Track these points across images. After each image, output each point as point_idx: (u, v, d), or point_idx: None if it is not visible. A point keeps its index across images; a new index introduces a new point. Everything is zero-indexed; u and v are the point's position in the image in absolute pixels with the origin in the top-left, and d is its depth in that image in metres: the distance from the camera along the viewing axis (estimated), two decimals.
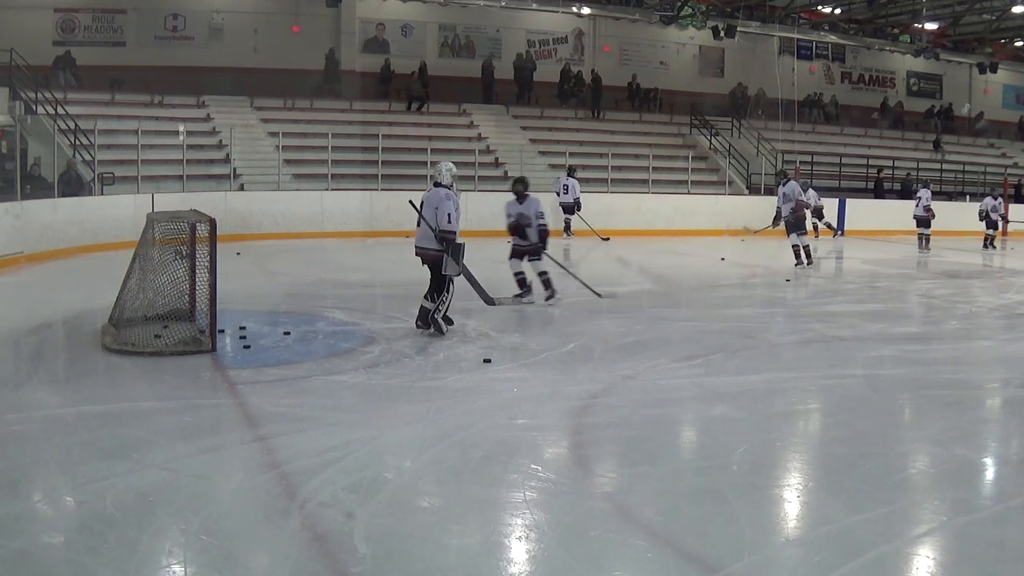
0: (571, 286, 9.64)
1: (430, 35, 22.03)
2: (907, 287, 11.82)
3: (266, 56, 19.44)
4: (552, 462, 4.64)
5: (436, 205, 7.41)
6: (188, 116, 17.28)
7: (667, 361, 6.87)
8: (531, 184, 9.39)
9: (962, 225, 20.02)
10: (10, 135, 14.65)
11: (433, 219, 7.38)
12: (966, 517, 4.00)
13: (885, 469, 4.58)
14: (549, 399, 5.72)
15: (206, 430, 5.02)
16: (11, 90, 15.72)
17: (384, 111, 19.68)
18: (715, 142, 21.18)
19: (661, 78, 23.22)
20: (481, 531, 3.78)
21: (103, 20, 19.15)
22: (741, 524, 3.85)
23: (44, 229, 12.11)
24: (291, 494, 4.02)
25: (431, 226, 7.35)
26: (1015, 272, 14.34)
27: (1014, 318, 9.52)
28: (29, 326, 7.72)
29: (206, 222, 6.99)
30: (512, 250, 9.18)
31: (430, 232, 7.36)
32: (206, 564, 3.40)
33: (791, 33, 22.75)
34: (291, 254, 13.42)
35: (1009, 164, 24.11)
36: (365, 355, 6.75)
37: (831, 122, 24.21)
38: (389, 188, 16.83)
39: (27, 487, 4.12)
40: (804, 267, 12.76)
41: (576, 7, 21.66)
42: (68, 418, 5.15)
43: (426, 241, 7.45)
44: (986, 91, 27.19)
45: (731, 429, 5.13)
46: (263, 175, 16.64)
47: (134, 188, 14.61)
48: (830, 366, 6.83)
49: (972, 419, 5.70)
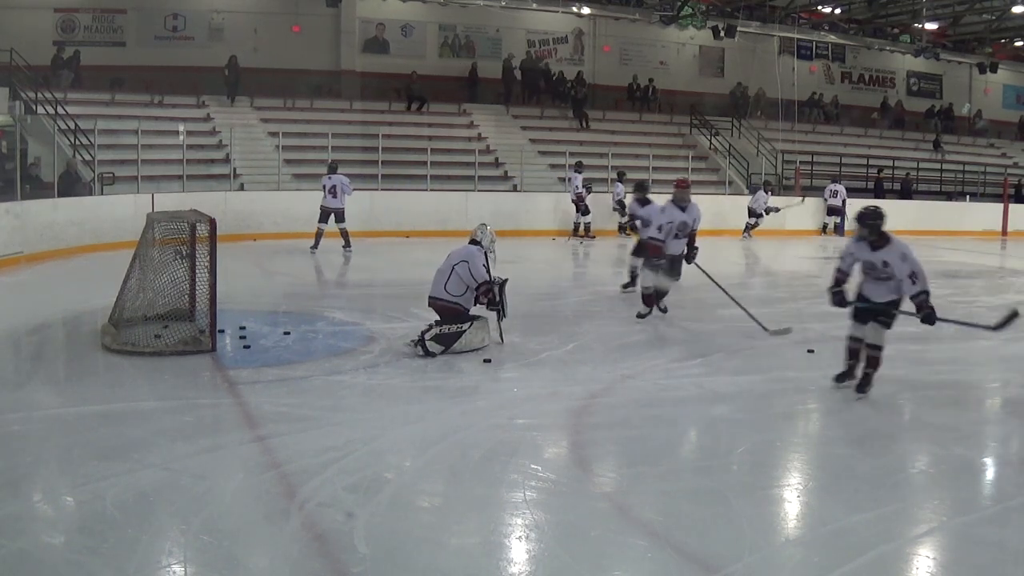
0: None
1: (430, 35, 22.00)
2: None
3: (266, 56, 19.43)
4: (552, 462, 4.64)
5: (467, 259, 7.01)
6: (188, 116, 17.27)
7: (667, 361, 6.87)
8: (531, 184, 9.34)
9: (962, 225, 20.06)
10: (10, 135, 14.62)
11: (467, 275, 6.98)
12: (966, 517, 4.00)
13: (885, 469, 4.58)
14: (549, 399, 5.73)
15: (206, 430, 5.02)
16: (11, 90, 15.70)
17: (384, 111, 19.67)
18: (715, 142, 21.16)
19: (661, 78, 23.20)
20: (481, 531, 3.78)
21: (103, 20, 19.13)
22: (741, 524, 3.85)
23: (44, 229, 12.09)
24: (291, 494, 4.02)
25: (463, 284, 6.99)
26: (1015, 272, 14.34)
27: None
28: (29, 326, 7.71)
29: (206, 222, 6.99)
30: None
31: (441, 284, 7.04)
32: (206, 564, 3.40)
33: (791, 33, 22.72)
34: (291, 254, 13.41)
35: (1009, 164, 24.08)
36: (365, 355, 6.75)
37: (831, 122, 24.18)
38: (389, 188, 16.82)
39: (27, 487, 4.12)
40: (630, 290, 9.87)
41: (576, 7, 21.63)
42: (68, 418, 5.15)
43: (439, 291, 7.06)
44: (986, 91, 27.16)
45: (731, 429, 5.14)
46: (263, 175, 16.63)
47: (134, 188, 14.59)
48: (830, 366, 6.82)
49: (972, 419, 5.71)
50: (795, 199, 18.87)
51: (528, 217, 16.90)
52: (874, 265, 5.80)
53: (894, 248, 5.75)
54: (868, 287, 5.91)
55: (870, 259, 5.81)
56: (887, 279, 5.79)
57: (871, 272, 5.85)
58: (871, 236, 5.79)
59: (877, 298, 5.86)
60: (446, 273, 7.02)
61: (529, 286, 9.80)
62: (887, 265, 5.73)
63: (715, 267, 9.21)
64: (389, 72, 20.75)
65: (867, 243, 5.82)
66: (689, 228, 8.41)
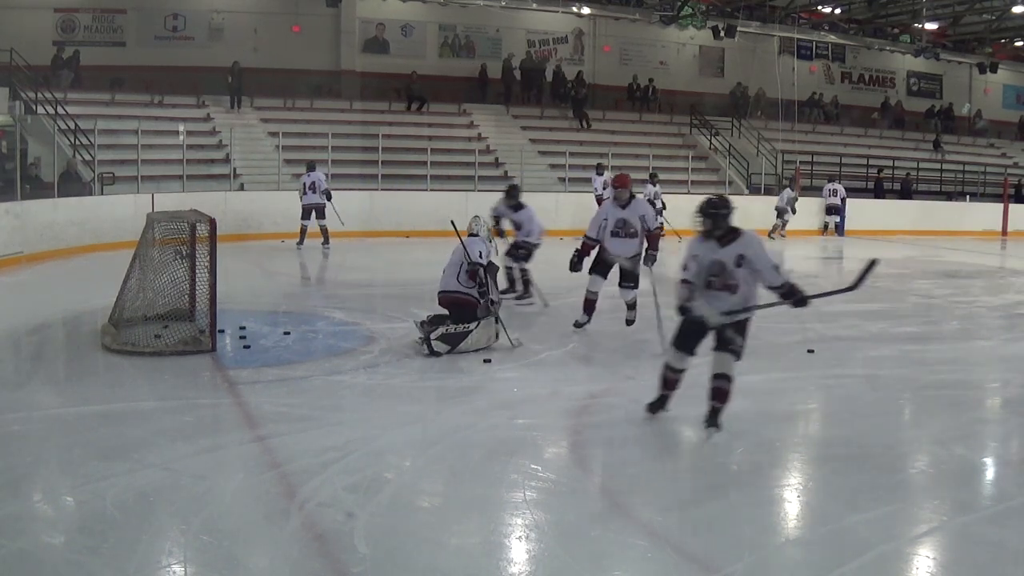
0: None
1: (430, 35, 22.00)
2: (907, 287, 11.81)
3: (266, 56, 19.43)
4: (552, 462, 4.64)
5: (467, 245, 7.10)
6: (188, 116, 17.27)
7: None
8: (531, 184, 9.31)
9: (962, 225, 20.05)
10: (10, 135, 14.62)
11: (463, 258, 7.06)
12: (966, 517, 4.00)
13: (885, 469, 4.58)
14: (549, 399, 5.73)
15: (206, 430, 5.02)
16: (11, 90, 15.70)
17: (384, 111, 19.67)
18: (715, 142, 21.17)
19: (661, 78, 23.20)
20: (481, 531, 3.78)
21: (103, 20, 19.13)
22: (741, 524, 3.85)
23: (44, 229, 12.09)
24: (291, 494, 4.02)
25: (467, 262, 7.04)
26: (1015, 272, 14.34)
27: (1014, 318, 9.52)
28: (29, 326, 7.71)
29: (206, 222, 6.99)
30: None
31: (452, 277, 7.10)
32: (206, 564, 3.40)
33: (791, 33, 22.73)
34: (291, 254, 13.42)
35: (1009, 164, 24.09)
36: (365, 355, 6.75)
37: (831, 122, 24.18)
38: (389, 188, 16.83)
39: (27, 487, 4.12)
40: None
41: (576, 7, 21.64)
42: (68, 418, 5.15)
43: (452, 284, 7.10)
44: (986, 91, 27.17)
45: (731, 429, 5.13)
46: (263, 175, 16.63)
47: (134, 188, 14.59)
48: (830, 366, 6.83)
49: (972, 419, 5.70)
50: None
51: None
52: (724, 266, 4.88)
53: (748, 240, 4.93)
54: (706, 300, 4.94)
55: (718, 258, 4.90)
56: (732, 287, 4.89)
57: (718, 277, 4.90)
58: (717, 231, 4.92)
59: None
60: (456, 265, 7.07)
61: None
62: (742, 262, 4.84)
63: None
64: (389, 72, 20.77)
65: (715, 240, 4.94)
66: (634, 227, 7.55)
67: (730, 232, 4.96)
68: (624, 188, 7.65)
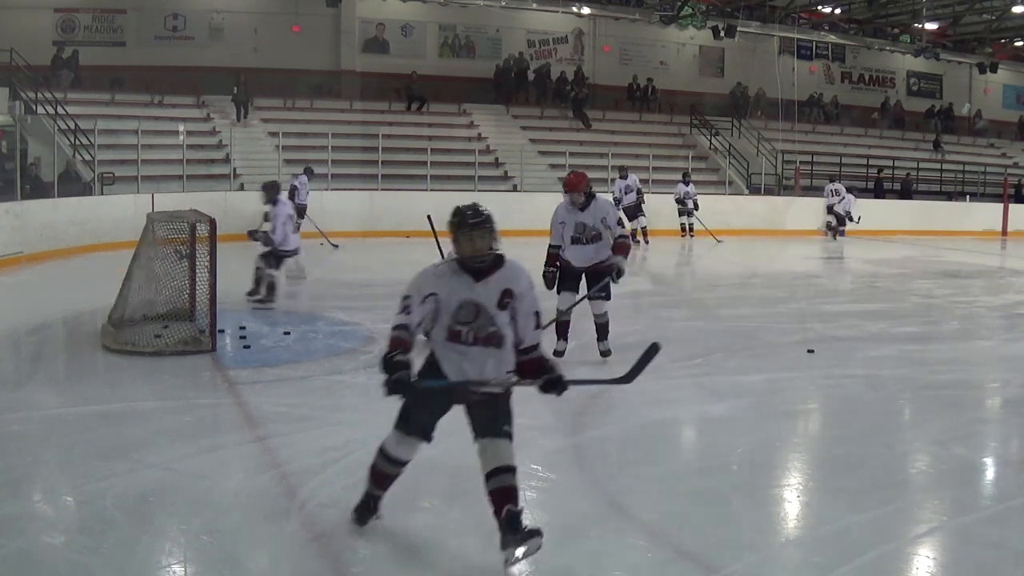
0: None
1: (430, 35, 22.00)
2: (907, 287, 11.82)
3: (266, 56, 19.43)
4: (552, 462, 4.64)
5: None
6: (188, 116, 17.27)
7: (667, 361, 6.82)
8: (531, 184, 9.32)
9: (962, 225, 20.05)
10: (10, 135, 14.63)
11: None
12: (966, 517, 4.00)
13: (885, 469, 4.58)
14: (549, 399, 5.70)
15: (206, 430, 5.02)
16: (11, 90, 15.71)
17: (384, 111, 19.67)
18: (715, 142, 21.17)
19: (661, 78, 23.19)
20: (481, 531, 3.78)
21: (103, 20, 19.13)
22: (741, 524, 3.85)
23: (44, 229, 12.10)
24: (291, 494, 4.02)
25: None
26: (1015, 272, 14.34)
27: (1014, 318, 9.52)
28: (29, 326, 7.71)
29: (206, 222, 7.00)
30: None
31: None
32: (206, 564, 3.40)
33: (791, 33, 22.73)
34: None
35: (1009, 164, 24.08)
36: (365, 355, 6.75)
37: (831, 122, 24.18)
38: (389, 188, 16.83)
39: (27, 487, 4.12)
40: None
41: (576, 7, 21.64)
42: (68, 418, 5.15)
43: None
44: (986, 91, 27.16)
45: (731, 429, 5.13)
46: (263, 175, 16.59)
47: (134, 188, 14.60)
48: (830, 366, 6.83)
49: (972, 419, 5.70)
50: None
51: (528, 217, 16.89)
52: (481, 309, 3.50)
53: (514, 271, 3.57)
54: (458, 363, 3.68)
55: (472, 298, 3.55)
56: (495, 339, 3.62)
57: (471, 324, 3.56)
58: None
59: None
60: None
61: None
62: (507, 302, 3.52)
63: (716, 267, 9.19)
64: (389, 72, 20.76)
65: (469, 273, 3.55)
66: (596, 230, 6.54)
67: (494, 259, 3.43)
68: (575, 191, 6.62)
